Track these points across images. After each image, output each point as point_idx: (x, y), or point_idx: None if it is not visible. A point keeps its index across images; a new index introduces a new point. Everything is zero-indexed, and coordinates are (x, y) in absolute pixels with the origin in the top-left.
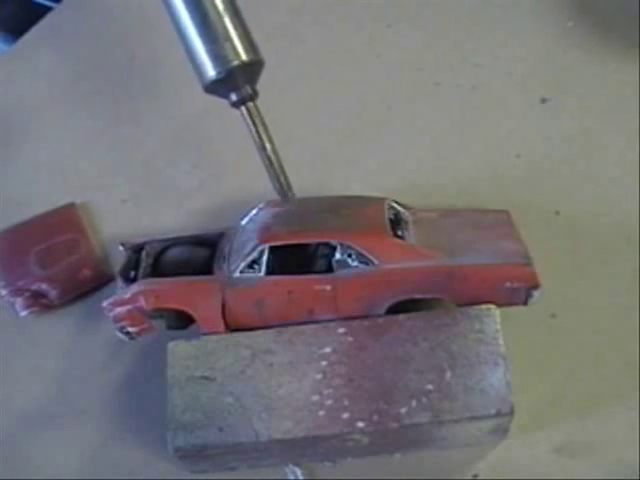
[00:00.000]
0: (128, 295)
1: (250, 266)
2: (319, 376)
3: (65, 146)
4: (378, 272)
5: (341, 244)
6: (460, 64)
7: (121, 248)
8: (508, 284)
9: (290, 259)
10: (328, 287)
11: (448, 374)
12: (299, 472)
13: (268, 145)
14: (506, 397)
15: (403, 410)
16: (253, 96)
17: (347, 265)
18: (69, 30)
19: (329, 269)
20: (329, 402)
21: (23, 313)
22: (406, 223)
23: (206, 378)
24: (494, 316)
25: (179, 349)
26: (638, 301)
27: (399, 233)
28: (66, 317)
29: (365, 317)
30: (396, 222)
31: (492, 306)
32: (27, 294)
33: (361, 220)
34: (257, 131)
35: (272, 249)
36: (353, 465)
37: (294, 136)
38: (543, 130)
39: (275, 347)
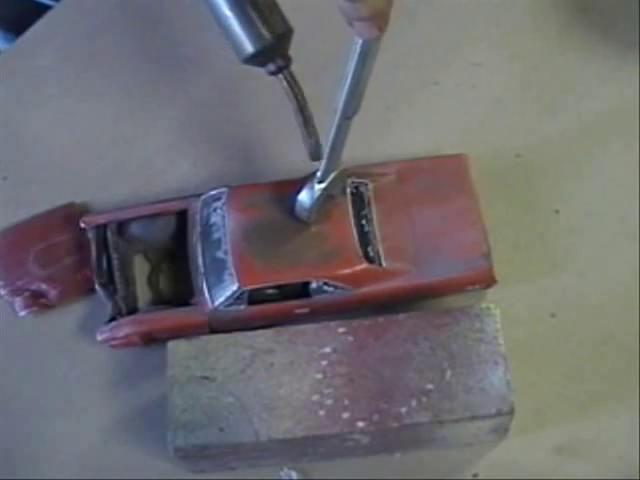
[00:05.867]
0: (121, 334)
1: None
2: (319, 376)
3: (65, 146)
4: (352, 296)
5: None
6: (459, 63)
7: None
8: (470, 287)
9: None
10: (307, 310)
11: (448, 373)
12: (294, 474)
13: (305, 106)
14: (506, 396)
15: (403, 410)
16: (288, 63)
17: (323, 292)
18: (69, 29)
19: (305, 289)
20: (329, 402)
21: (22, 313)
22: (369, 205)
23: (206, 378)
24: (494, 316)
25: (179, 349)
26: (638, 301)
27: (369, 250)
28: (66, 317)
29: (365, 317)
30: (358, 201)
31: (492, 305)
32: (26, 294)
33: (332, 243)
34: (294, 93)
35: None
36: (353, 465)
37: (294, 136)
38: (543, 130)
39: (275, 347)
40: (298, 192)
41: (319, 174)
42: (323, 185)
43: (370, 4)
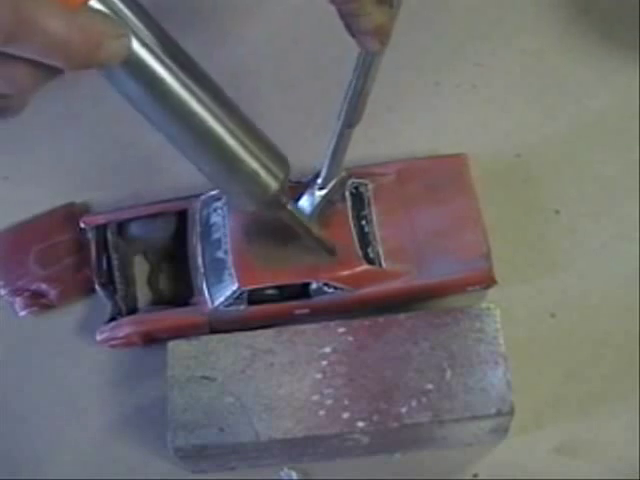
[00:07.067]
0: (121, 334)
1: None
2: (319, 376)
3: (65, 146)
4: (352, 297)
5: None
6: (460, 64)
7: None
8: (470, 288)
9: None
10: (307, 310)
11: (448, 373)
12: (294, 474)
13: (315, 230)
14: (506, 397)
15: (403, 410)
16: (288, 201)
17: (323, 293)
18: None
19: (306, 290)
20: (329, 402)
21: (22, 313)
22: (368, 205)
23: (206, 378)
24: (494, 316)
25: (179, 349)
26: (638, 301)
27: (369, 251)
28: (66, 317)
29: (365, 317)
30: (358, 201)
31: (492, 305)
32: (26, 294)
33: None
34: (300, 224)
35: None
36: (353, 465)
37: (293, 136)
38: (543, 130)
39: (275, 347)
40: (298, 198)
41: (320, 181)
42: (324, 192)
43: (372, 18)
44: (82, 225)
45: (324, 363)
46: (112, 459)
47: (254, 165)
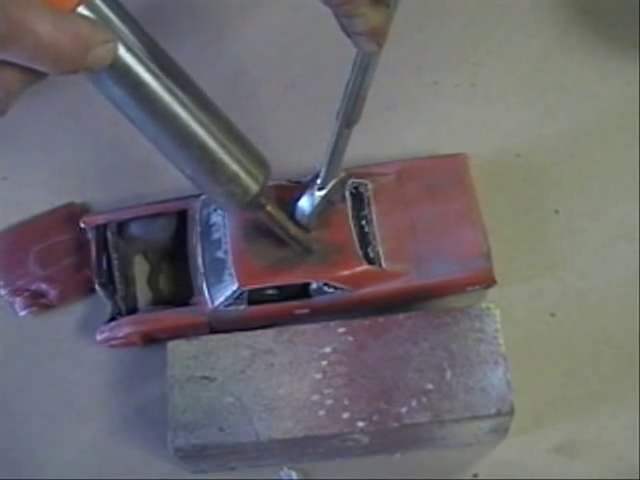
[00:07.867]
0: (121, 334)
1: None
2: (319, 376)
3: (65, 146)
4: (352, 297)
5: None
6: (459, 63)
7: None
8: (469, 288)
9: None
10: (307, 310)
11: (448, 374)
12: (294, 474)
13: (292, 230)
14: (506, 396)
15: (403, 410)
16: (267, 202)
17: (323, 292)
18: None
19: (305, 290)
20: (329, 402)
21: (22, 313)
22: (368, 205)
23: (206, 378)
24: (494, 316)
25: (179, 349)
26: (638, 301)
27: (369, 251)
28: (66, 317)
29: (365, 317)
30: (358, 201)
31: (492, 305)
32: (26, 294)
33: (332, 245)
34: (278, 224)
35: None
36: (353, 465)
37: (293, 136)
38: (543, 130)
39: (275, 347)
40: (298, 198)
41: (319, 181)
42: (323, 192)
43: (367, 20)
44: (82, 225)
45: (324, 363)
46: (112, 459)
47: (234, 167)
